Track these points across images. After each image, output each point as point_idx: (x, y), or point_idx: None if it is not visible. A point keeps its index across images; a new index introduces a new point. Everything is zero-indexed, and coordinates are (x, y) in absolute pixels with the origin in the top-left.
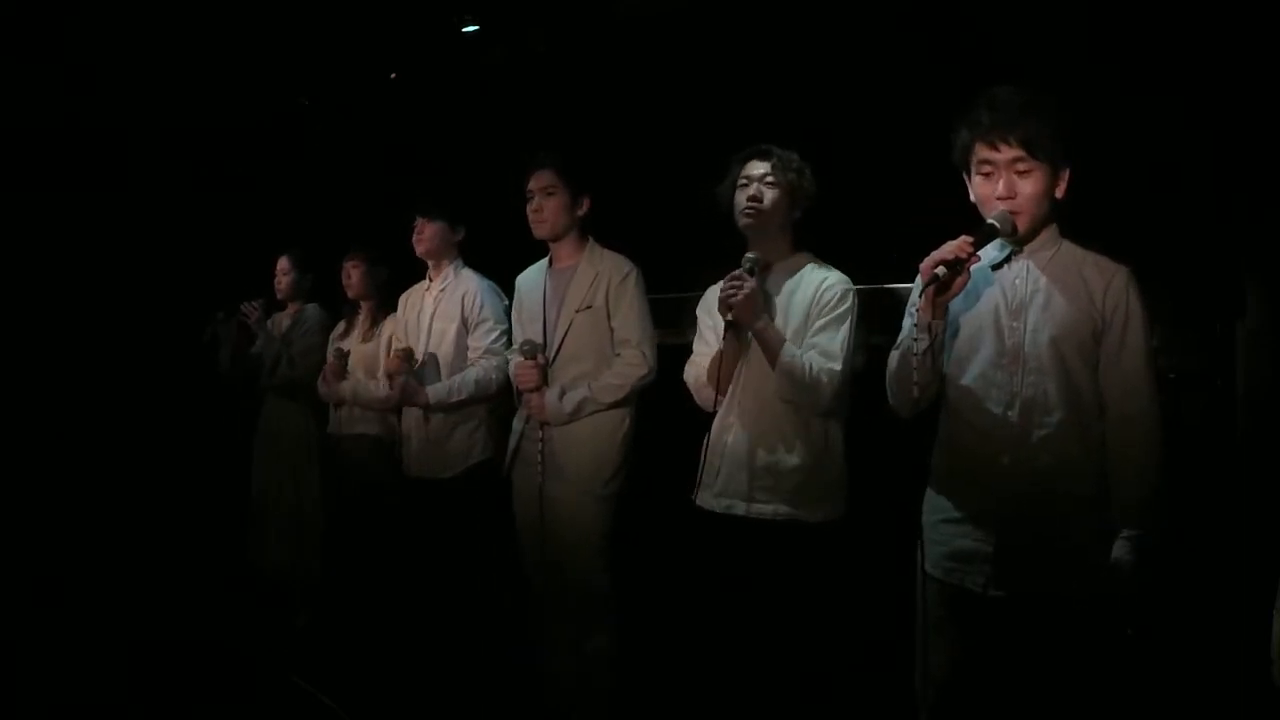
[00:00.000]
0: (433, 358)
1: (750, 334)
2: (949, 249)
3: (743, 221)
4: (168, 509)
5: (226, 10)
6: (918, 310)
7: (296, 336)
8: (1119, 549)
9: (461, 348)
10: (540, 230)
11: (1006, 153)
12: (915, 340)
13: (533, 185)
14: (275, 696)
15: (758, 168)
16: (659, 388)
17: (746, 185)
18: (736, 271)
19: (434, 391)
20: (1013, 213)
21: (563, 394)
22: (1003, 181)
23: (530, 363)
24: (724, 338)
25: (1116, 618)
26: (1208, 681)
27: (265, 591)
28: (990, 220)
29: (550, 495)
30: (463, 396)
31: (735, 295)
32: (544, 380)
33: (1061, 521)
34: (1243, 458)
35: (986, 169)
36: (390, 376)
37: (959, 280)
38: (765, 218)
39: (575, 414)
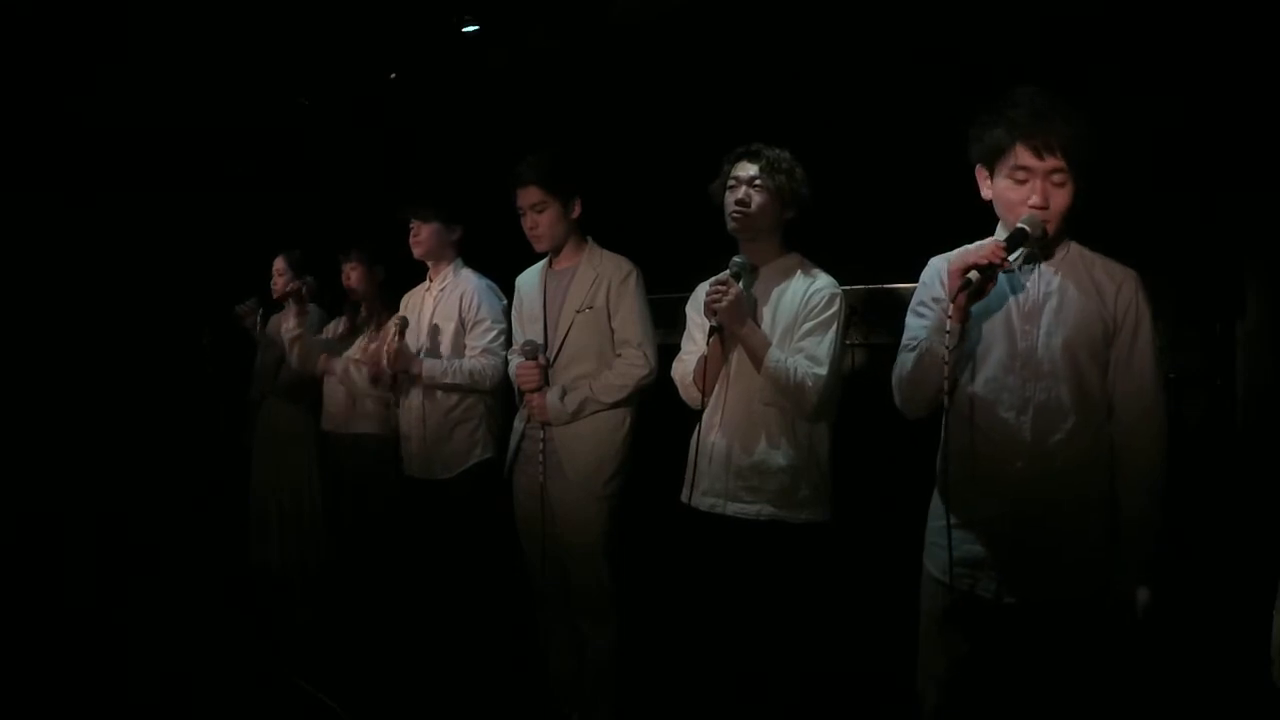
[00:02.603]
0: (431, 356)
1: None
2: (982, 254)
3: (730, 225)
4: (169, 508)
5: (227, 10)
6: (947, 310)
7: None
8: (1122, 586)
9: (459, 347)
10: (540, 245)
11: (1049, 162)
12: (945, 344)
13: (521, 202)
14: (275, 696)
15: (746, 169)
16: (656, 387)
17: (735, 187)
18: (722, 275)
19: (428, 364)
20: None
21: (564, 394)
22: (1039, 191)
23: (531, 363)
24: (708, 341)
25: (1120, 618)
26: (1208, 681)
27: (265, 590)
28: (1021, 225)
29: (552, 494)
30: (454, 381)
31: (720, 301)
32: (545, 380)
33: (1073, 525)
34: (1243, 457)
35: (1022, 175)
36: (387, 345)
37: (989, 284)
38: (752, 221)
39: (577, 414)
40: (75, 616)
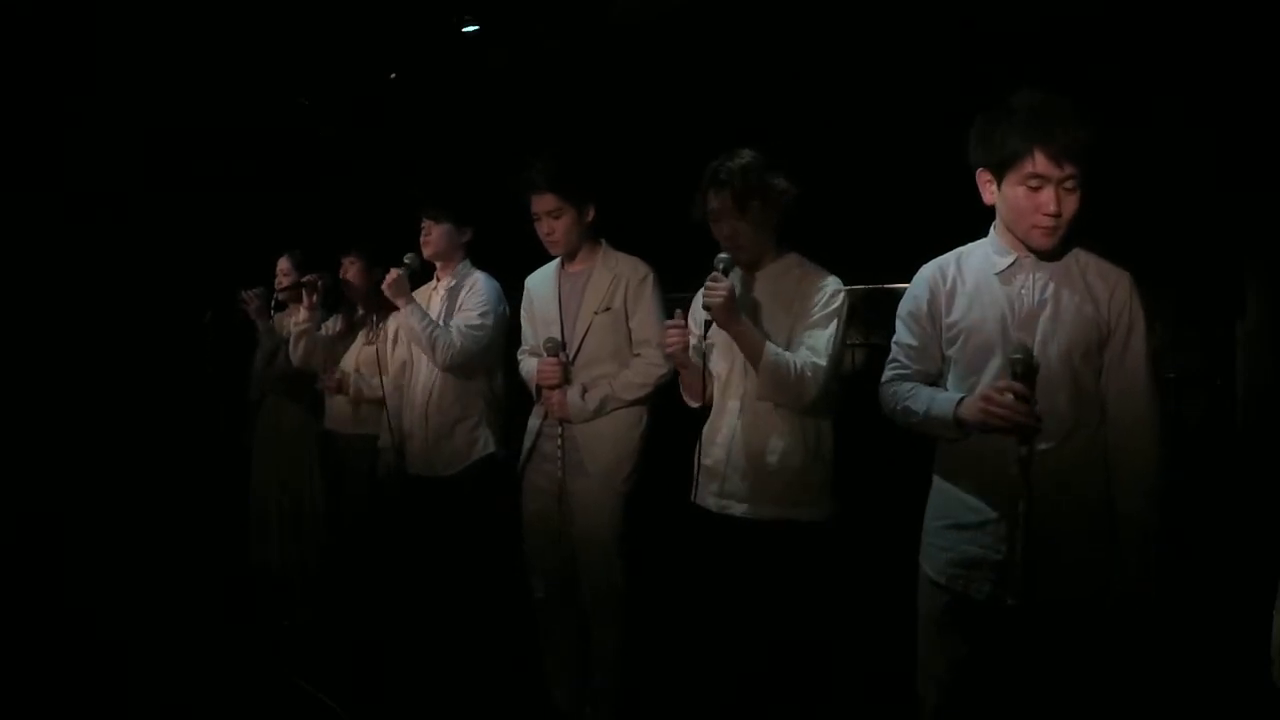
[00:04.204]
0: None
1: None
2: (1019, 421)
3: (732, 255)
4: (169, 507)
5: (227, 11)
6: (960, 416)
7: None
8: (1122, 587)
9: None
10: (555, 250)
11: (1067, 170)
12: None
13: (536, 208)
14: (275, 696)
15: (720, 199)
16: (663, 388)
17: (718, 222)
18: (713, 273)
19: (414, 308)
20: (1053, 229)
21: (584, 392)
22: (1054, 199)
23: (554, 360)
24: (704, 333)
25: (1119, 619)
26: (1208, 681)
27: (265, 590)
28: (1015, 356)
29: (571, 491)
30: (419, 332)
31: (715, 297)
32: (566, 378)
33: (1071, 526)
34: (1243, 457)
35: (1036, 183)
36: (389, 278)
37: None
38: (746, 250)
39: (598, 411)
40: (75, 616)
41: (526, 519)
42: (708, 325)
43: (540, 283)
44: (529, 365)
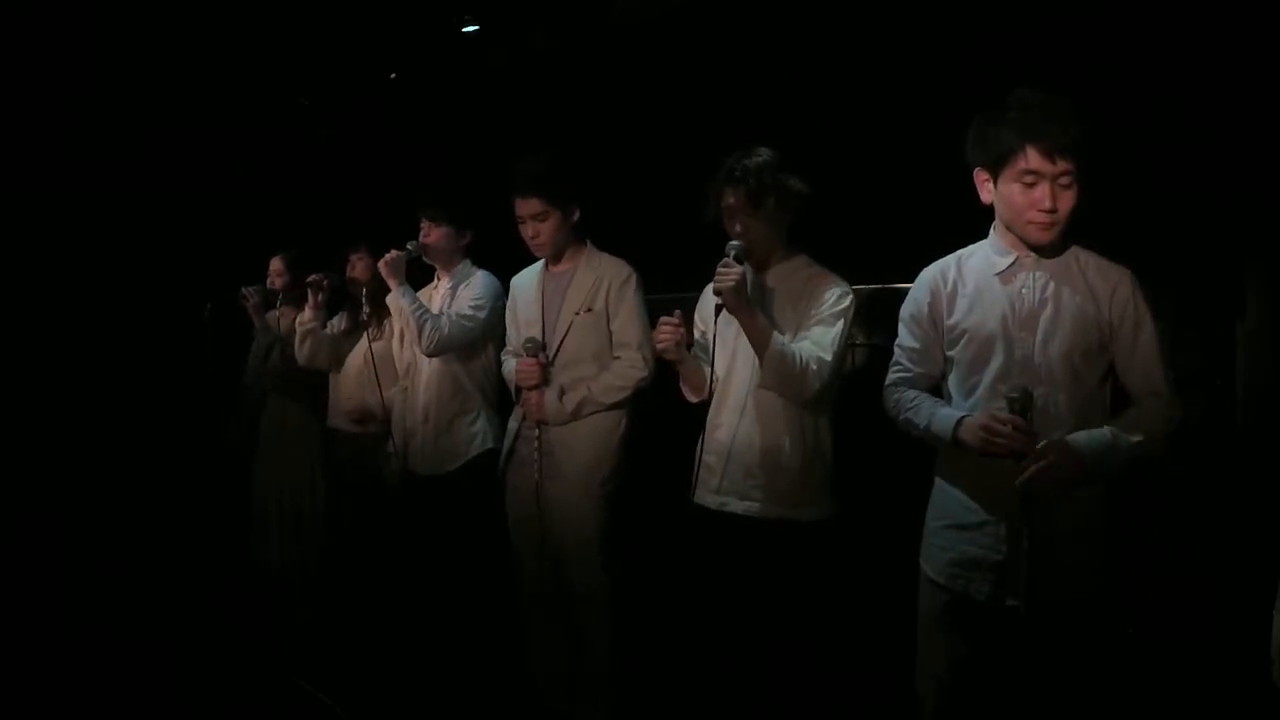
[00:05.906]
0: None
1: (740, 328)
2: (1015, 448)
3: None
4: (170, 506)
5: (227, 11)
6: (959, 437)
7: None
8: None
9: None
10: (541, 252)
11: (1060, 165)
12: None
13: (521, 212)
14: (275, 696)
15: (735, 196)
16: (657, 388)
17: (730, 218)
18: (725, 259)
19: (406, 289)
20: (1049, 224)
21: (562, 394)
22: (1049, 195)
23: (533, 360)
24: (715, 318)
25: (1119, 620)
26: (1208, 681)
27: (266, 590)
28: (1011, 395)
29: (548, 494)
30: (408, 315)
31: (725, 281)
32: (545, 379)
33: (1070, 525)
34: (1243, 457)
35: (1031, 179)
36: (387, 256)
37: None
38: (756, 244)
39: (575, 414)
40: (75, 616)
41: (510, 522)
42: (718, 311)
43: (524, 283)
44: (510, 366)
